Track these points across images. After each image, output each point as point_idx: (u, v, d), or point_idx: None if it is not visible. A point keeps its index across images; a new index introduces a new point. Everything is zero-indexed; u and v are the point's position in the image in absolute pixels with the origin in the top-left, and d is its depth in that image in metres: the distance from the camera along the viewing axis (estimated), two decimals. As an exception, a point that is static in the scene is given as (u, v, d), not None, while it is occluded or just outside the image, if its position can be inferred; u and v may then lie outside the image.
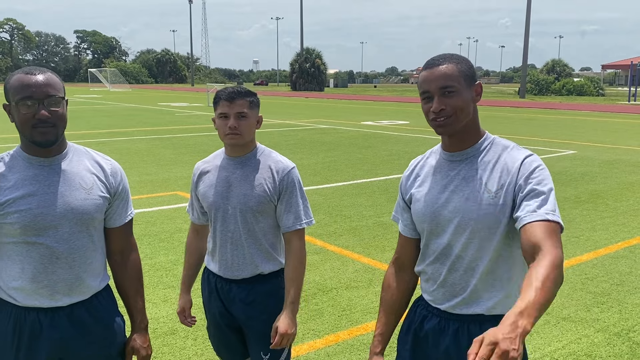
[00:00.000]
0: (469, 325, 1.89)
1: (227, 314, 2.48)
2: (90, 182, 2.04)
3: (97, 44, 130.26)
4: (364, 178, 10.04)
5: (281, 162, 2.41)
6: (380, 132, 18.62)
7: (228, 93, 2.33)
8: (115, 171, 2.14)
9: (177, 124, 20.99)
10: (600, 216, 7.46)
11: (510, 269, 1.84)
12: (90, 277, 2.07)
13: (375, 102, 42.18)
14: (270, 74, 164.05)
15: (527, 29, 48.98)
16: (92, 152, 2.14)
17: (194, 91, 63.07)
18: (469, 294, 1.87)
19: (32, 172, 1.96)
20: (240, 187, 2.36)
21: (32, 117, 1.87)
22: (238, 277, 2.42)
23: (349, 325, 4.20)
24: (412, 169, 2.07)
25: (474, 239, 1.82)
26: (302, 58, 68.43)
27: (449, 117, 1.79)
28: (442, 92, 1.78)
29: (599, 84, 57.28)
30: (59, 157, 2.01)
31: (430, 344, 1.96)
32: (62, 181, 1.98)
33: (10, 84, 1.91)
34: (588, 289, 4.93)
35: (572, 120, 24.49)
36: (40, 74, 1.91)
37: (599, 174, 10.51)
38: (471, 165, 1.86)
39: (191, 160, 11.86)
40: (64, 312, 2.02)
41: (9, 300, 2.00)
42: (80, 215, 1.99)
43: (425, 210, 1.91)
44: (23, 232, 1.93)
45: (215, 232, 2.43)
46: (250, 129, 2.34)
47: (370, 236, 6.47)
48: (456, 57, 1.83)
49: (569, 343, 3.95)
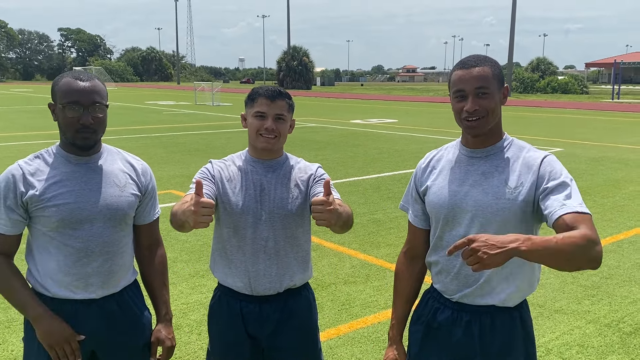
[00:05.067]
0: (481, 317, 1.96)
1: (249, 341, 2.22)
2: (124, 181, 2.14)
3: (82, 42, 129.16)
4: (356, 176, 10.15)
5: (312, 165, 2.30)
6: (370, 130, 18.75)
7: (269, 91, 2.15)
8: (146, 171, 2.25)
9: (166, 123, 20.94)
10: (588, 212, 7.61)
11: (524, 263, 1.91)
12: (122, 270, 2.16)
13: (363, 100, 42.33)
14: (257, 72, 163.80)
15: (512, 28, 49.41)
16: (124, 152, 2.26)
17: (180, 89, 62.79)
18: (481, 285, 1.94)
19: (70, 169, 2.05)
20: (276, 192, 2.18)
21: (77, 122, 1.97)
22: (270, 292, 2.20)
23: (349, 319, 4.31)
24: (429, 162, 2.12)
25: (488, 231, 1.88)
26: (289, 56, 68.40)
27: (481, 117, 1.88)
28: (477, 92, 1.86)
29: (583, 82, 57.87)
30: (96, 157, 2.11)
31: (443, 335, 2.03)
32: (98, 179, 2.08)
33: (59, 86, 2.01)
34: (579, 283, 5.08)
35: (557, 118, 24.81)
36: (88, 81, 2.00)
37: (585, 171, 10.72)
38: (491, 162, 1.94)
39: (183, 159, 11.89)
40: (96, 304, 2.11)
41: (43, 292, 2.08)
42: (114, 212, 2.08)
43: (443, 201, 1.98)
44: (60, 226, 2.01)
45: (245, 240, 2.17)
46: (286, 133, 2.19)
47: (365, 233, 6.58)
48: (490, 60, 1.91)
49: (562, 334, 4.09)
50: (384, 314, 4.37)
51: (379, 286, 4.95)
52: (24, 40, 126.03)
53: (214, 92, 34.08)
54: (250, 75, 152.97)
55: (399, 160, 11.99)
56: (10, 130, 17.44)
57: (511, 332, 1.96)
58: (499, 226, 1.89)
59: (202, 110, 28.55)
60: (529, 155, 1.93)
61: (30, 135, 16.26)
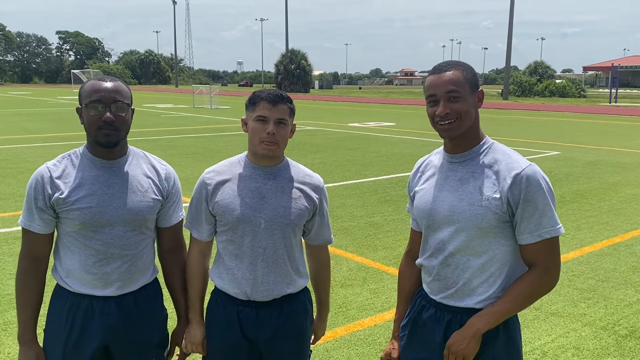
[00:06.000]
0: (462, 317, 2.01)
1: (246, 343, 2.23)
2: (146, 186, 2.18)
3: (80, 45, 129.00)
4: (353, 179, 10.16)
5: (313, 175, 2.30)
6: (368, 133, 18.78)
7: (271, 95, 2.12)
8: (169, 176, 2.28)
9: (164, 126, 20.95)
10: (584, 215, 7.65)
11: (503, 267, 1.96)
12: (140, 271, 2.23)
13: (361, 103, 42.38)
14: (255, 75, 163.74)
15: (510, 31, 49.52)
16: (150, 156, 2.30)
17: (178, 92, 62.80)
18: (460, 287, 2.00)
19: (94, 173, 2.11)
20: (277, 199, 2.16)
21: (99, 119, 2.04)
22: (267, 299, 2.20)
23: (345, 321, 4.31)
24: (418, 168, 2.19)
25: (465, 238, 1.95)
26: (287, 59, 68.46)
27: (453, 121, 1.91)
28: (448, 96, 1.90)
29: (580, 85, 58.08)
30: (120, 160, 2.16)
31: (427, 332, 2.10)
32: (120, 183, 2.13)
33: (84, 88, 2.10)
34: (575, 286, 5.09)
35: (555, 121, 24.86)
36: (111, 82, 2.09)
37: (582, 174, 10.74)
38: (467, 167, 1.97)
39: (180, 162, 11.89)
40: (114, 301, 2.18)
41: (65, 287, 2.17)
42: (134, 216, 2.13)
43: (424, 207, 2.05)
44: (82, 228, 2.09)
45: (242, 248, 2.17)
46: (287, 138, 2.17)
47: (362, 236, 6.59)
48: (462, 64, 1.96)
49: (557, 337, 4.10)
50: (380, 317, 4.38)
51: (375, 289, 4.96)
52: (22, 43, 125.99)
53: (212, 95, 34.09)
54: (248, 78, 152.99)
55: (397, 164, 12.02)
56: (9, 134, 17.43)
57: (492, 335, 1.96)
58: (476, 231, 1.94)
59: (200, 113, 28.56)
60: (507, 162, 1.93)
61: (29, 138, 16.26)
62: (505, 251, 1.95)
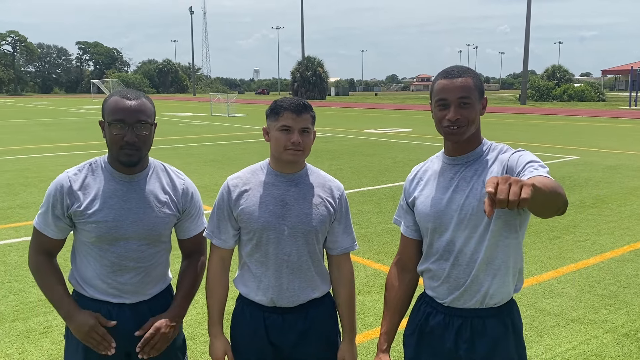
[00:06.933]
0: (472, 321, 2.02)
1: (271, 349, 2.24)
2: (163, 201, 2.21)
3: (99, 55, 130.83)
4: (370, 185, 10.16)
5: (334, 180, 2.32)
6: (384, 139, 18.75)
7: (295, 105, 2.13)
8: (187, 191, 2.29)
9: (182, 134, 21.13)
10: (605, 220, 7.56)
11: (508, 259, 2.00)
12: (154, 280, 2.27)
13: (377, 109, 42.35)
14: (271, 82, 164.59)
15: (527, 35, 49.21)
16: (170, 169, 2.31)
17: (195, 101, 63.30)
18: (469, 284, 2.01)
19: (113, 186, 2.14)
20: (300, 206, 2.18)
21: (121, 139, 2.05)
22: (293, 304, 2.22)
23: (364, 328, 4.31)
24: (415, 174, 2.21)
25: (474, 233, 1.97)
26: (304, 66, 68.69)
27: (461, 126, 1.95)
28: (459, 102, 1.94)
29: (599, 89, 57.39)
30: (140, 175, 2.19)
31: (435, 339, 2.09)
32: (137, 198, 2.16)
33: (107, 104, 2.10)
34: (596, 292, 5.03)
35: (574, 125, 24.61)
36: (135, 100, 2.08)
37: (602, 179, 10.62)
38: (471, 167, 2.02)
39: (198, 169, 11.98)
40: (129, 308, 2.22)
41: (82, 292, 2.22)
42: (149, 232, 2.17)
43: (429, 210, 2.06)
44: (97, 240, 2.13)
45: (267, 255, 2.19)
46: (310, 145, 2.18)
47: (380, 242, 6.58)
48: (471, 71, 2.00)
49: (579, 344, 4.05)
50: (398, 324, 4.36)
51: (393, 296, 4.93)
52: (42, 54, 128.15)
53: (230, 103, 34.31)
54: (265, 86, 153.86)
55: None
56: (31, 143, 17.70)
57: (503, 338, 2.01)
58: (485, 227, 1.95)
59: (217, 121, 28.77)
60: (502, 155, 1.99)
61: (50, 147, 16.49)
62: (509, 244, 1.98)
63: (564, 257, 6.04)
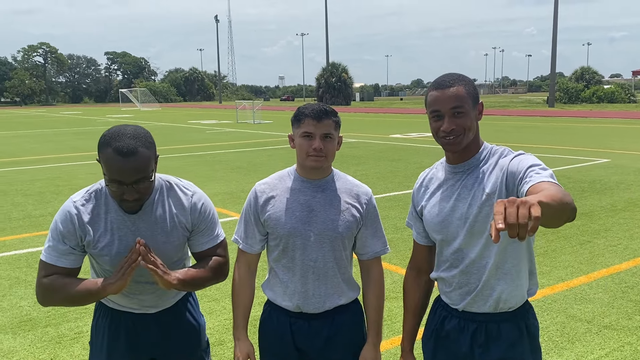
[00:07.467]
0: (487, 325, 2.03)
1: (297, 354, 2.26)
2: (171, 225, 2.16)
3: (127, 65, 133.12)
4: (396, 191, 10.11)
5: (361, 185, 2.30)
6: (410, 144, 18.66)
7: (315, 111, 2.13)
8: (195, 207, 2.19)
9: (208, 142, 21.34)
10: (638, 224, 7.39)
11: (517, 263, 2.00)
12: (171, 293, 2.27)
13: (403, 114, 42.19)
14: (296, 89, 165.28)
15: (554, 37, 48.54)
16: (176, 185, 2.21)
17: (222, 108, 63.92)
18: (480, 289, 2.01)
19: (121, 217, 2.12)
20: (326, 212, 2.18)
21: (121, 195, 1.99)
22: (319, 310, 2.23)
23: (391, 334, 4.28)
24: (422, 182, 2.20)
25: (481, 240, 1.96)
26: (328, 73, 68.85)
27: (458, 136, 1.94)
28: (453, 112, 1.93)
29: (630, 90, 56.25)
30: (146, 204, 2.13)
31: (451, 343, 2.11)
32: (146, 227, 2.13)
33: (103, 154, 1.95)
34: (629, 297, 4.92)
35: (604, 128, 24.16)
36: (131, 155, 1.91)
37: (634, 182, 10.38)
38: (472, 174, 2.01)
39: (225, 176, 12.07)
40: (152, 317, 2.26)
41: (105, 304, 2.26)
42: (162, 257, 2.12)
43: (435, 220, 2.07)
44: (112, 270, 2.13)
45: (294, 261, 2.20)
46: (334, 151, 2.18)
47: (406, 248, 6.54)
48: (463, 79, 1.98)
49: (611, 351, 3.96)
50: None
51: (421, 301, 4.90)
52: (72, 65, 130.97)
53: (255, 110, 34.54)
54: (290, 92, 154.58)
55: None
56: (61, 152, 18.07)
57: (518, 342, 2.01)
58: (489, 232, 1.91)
59: (243, 128, 28.99)
60: (502, 160, 1.96)
61: (80, 156, 16.81)
62: (519, 247, 1.98)
63: (595, 262, 5.92)
